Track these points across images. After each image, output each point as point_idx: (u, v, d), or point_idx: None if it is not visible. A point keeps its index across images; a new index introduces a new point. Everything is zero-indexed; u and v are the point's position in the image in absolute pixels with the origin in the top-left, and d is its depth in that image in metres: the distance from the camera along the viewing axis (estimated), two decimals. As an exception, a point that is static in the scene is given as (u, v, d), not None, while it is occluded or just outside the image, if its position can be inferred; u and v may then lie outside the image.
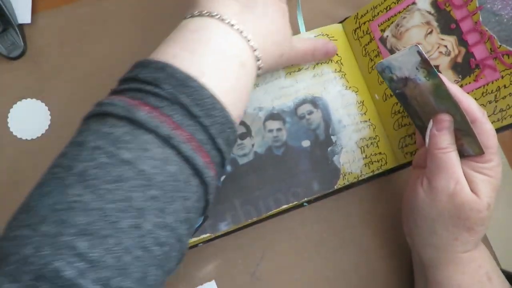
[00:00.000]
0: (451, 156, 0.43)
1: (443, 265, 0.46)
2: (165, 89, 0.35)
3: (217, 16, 0.41)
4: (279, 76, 0.53)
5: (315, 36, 0.55)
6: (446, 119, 0.44)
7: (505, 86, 0.44)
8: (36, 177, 0.52)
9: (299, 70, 0.54)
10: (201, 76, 0.36)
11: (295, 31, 0.57)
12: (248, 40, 0.41)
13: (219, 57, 0.39)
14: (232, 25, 0.41)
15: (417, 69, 0.43)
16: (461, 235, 0.44)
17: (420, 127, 0.48)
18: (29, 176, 0.52)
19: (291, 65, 0.54)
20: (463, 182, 0.43)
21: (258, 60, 0.42)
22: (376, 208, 0.54)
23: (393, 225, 0.54)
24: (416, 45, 0.42)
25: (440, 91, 0.42)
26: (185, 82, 0.36)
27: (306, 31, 0.56)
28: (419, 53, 0.42)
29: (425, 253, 0.47)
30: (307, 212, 0.54)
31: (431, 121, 0.45)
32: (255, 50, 0.42)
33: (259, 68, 0.43)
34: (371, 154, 0.53)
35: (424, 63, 0.42)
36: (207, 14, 0.41)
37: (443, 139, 0.43)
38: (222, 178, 0.51)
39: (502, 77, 0.44)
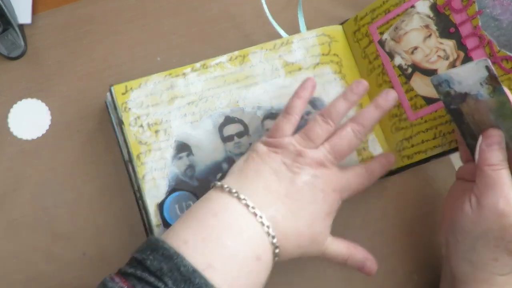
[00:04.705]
0: (502, 174, 0.41)
1: (476, 283, 0.44)
2: (167, 284, 0.35)
3: (244, 202, 0.40)
4: (279, 75, 0.53)
5: (316, 36, 0.54)
6: (496, 134, 0.41)
7: (503, 92, 0.44)
8: (36, 177, 0.53)
9: (299, 69, 0.54)
10: (207, 268, 0.36)
11: (296, 30, 0.57)
12: (273, 237, 0.40)
13: (232, 250, 0.38)
14: (257, 215, 0.40)
15: (481, 84, 0.40)
16: (502, 256, 0.42)
17: (471, 146, 0.45)
18: (29, 176, 0.53)
19: (291, 65, 0.53)
20: None
21: (276, 248, 0.41)
22: (374, 210, 0.54)
23: (392, 226, 0.55)
24: (485, 59, 0.39)
25: (504, 109, 0.40)
26: (189, 278, 0.35)
27: (306, 30, 0.55)
28: (488, 68, 0.39)
29: (459, 267, 0.45)
30: (306, 212, 0.55)
31: (481, 136, 0.42)
32: (275, 246, 0.40)
33: (275, 256, 0.41)
34: (368, 157, 0.53)
35: (492, 79, 0.39)
36: (236, 195, 0.40)
37: (493, 155, 0.41)
38: (218, 176, 0.51)
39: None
